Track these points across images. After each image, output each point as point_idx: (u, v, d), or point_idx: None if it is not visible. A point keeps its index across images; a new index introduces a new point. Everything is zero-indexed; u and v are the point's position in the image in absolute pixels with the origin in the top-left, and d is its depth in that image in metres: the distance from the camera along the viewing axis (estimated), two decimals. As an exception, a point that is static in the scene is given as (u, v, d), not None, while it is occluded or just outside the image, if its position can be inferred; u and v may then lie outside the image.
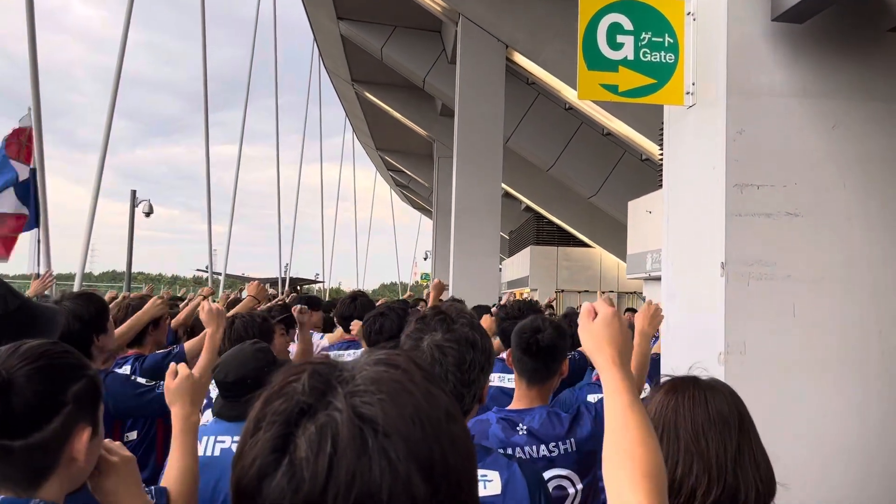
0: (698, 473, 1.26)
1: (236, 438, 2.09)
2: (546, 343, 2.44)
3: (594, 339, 1.18)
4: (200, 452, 2.15)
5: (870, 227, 2.60)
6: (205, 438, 2.19)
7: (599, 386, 3.78)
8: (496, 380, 3.43)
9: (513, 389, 3.28)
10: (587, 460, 2.36)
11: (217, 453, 2.12)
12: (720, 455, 1.27)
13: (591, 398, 3.42)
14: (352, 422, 0.61)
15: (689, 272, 2.79)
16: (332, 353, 3.93)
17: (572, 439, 2.40)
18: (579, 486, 2.38)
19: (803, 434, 2.48)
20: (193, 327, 4.90)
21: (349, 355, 3.75)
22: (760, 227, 2.54)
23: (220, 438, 2.13)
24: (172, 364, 1.84)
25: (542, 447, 2.38)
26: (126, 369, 3.36)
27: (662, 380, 1.47)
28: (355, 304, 4.27)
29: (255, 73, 30.44)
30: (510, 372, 3.36)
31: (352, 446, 0.60)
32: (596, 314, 1.21)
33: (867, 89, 2.63)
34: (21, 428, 1.16)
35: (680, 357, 2.85)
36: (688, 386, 1.37)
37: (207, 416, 2.37)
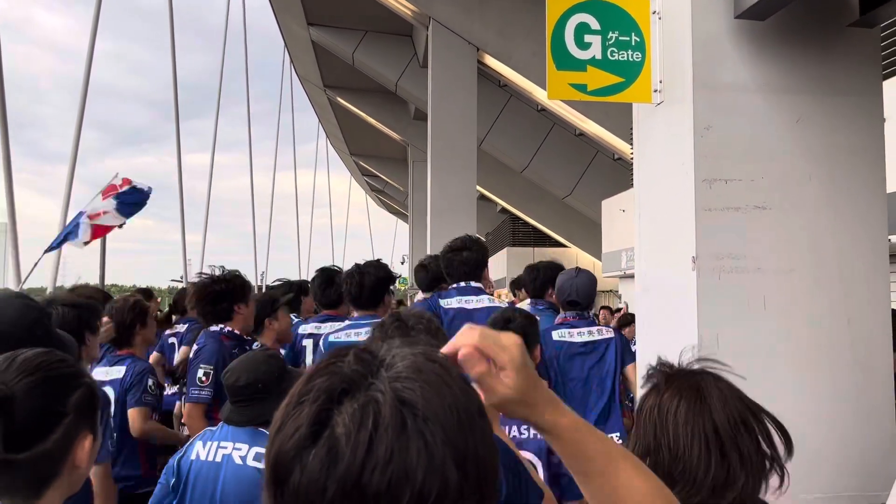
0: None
1: (238, 446, 2.08)
2: (519, 332, 2.49)
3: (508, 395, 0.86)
4: (202, 456, 2.13)
5: (836, 219, 2.65)
6: (208, 443, 2.16)
7: (565, 325, 3.86)
8: (566, 335, 3.66)
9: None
10: (549, 455, 2.42)
11: (218, 459, 2.10)
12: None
13: (555, 335, 3.55)
14: (393, 403, 0.64)
15: (662, 267, 2.82)
16: (310, 328, 3.92)
17: None
18: (542, 474, 2.42)
19: (777, 424, 2.52)
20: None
21: (327, 327, 3.74)
22: (730, 221, 2.58)
23: (223, 444, 2.11)
24: None
25: (513, 427, 2.44)
26: (121, 370, 3.35)
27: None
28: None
29: (226, 81, 30.19)
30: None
31: (392, 426, 0.62)
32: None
33: (830, 84, 2.68)
34: (24, 441, 1.16)
35: (654, 350, 2.87)
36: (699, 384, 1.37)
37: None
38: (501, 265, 23.33)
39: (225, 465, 2.07)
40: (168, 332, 5.26)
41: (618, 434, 3.50)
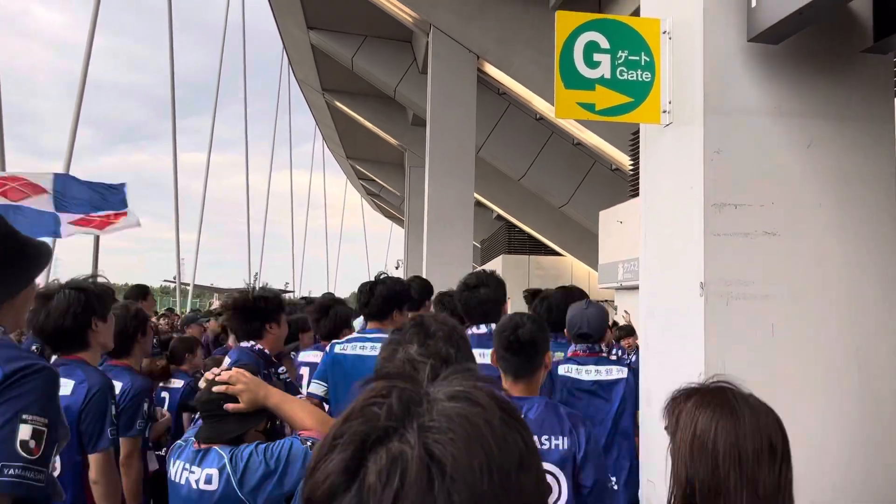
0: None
1: (194, 469, 2.02)
2: (526, 338, 2.47)
3: None
4: (173, 476, 2.08)
5: (845, 246, 2.62)
6: (177, 462, 2.11)
7: (574, 360, 3.74)
8: (572, 371, 3.52)
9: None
10: (573, 468, 2.38)
11: (182, 481, 2.05)
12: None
13: (561, 369, 3.45)
14: (421, 459, 0.62)
15: (668, 291, 2.78)
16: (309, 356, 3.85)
17: (566, 439, 2.42)
18: (564, 486, 2.39)
19: (783, 453, 2.48)
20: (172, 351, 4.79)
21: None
22: (739, 247, 2.54)
23: (185, 465, 2.05)
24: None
25: (535, 438, 2.39)
26: (117, 386, 3.20)
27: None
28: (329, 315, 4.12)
29: (223, 80, 30.12)
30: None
31: (418, 484, 0.61)
32: None
33: (841, 109, 2.65)
34: None
35: (658, 376, 2.84)
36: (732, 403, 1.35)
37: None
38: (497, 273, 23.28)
39: (187, 488, 2.04)
40: (162, 385, 4.56)
41: (615, 478, 3.34)
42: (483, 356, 3.44)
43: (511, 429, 0.68)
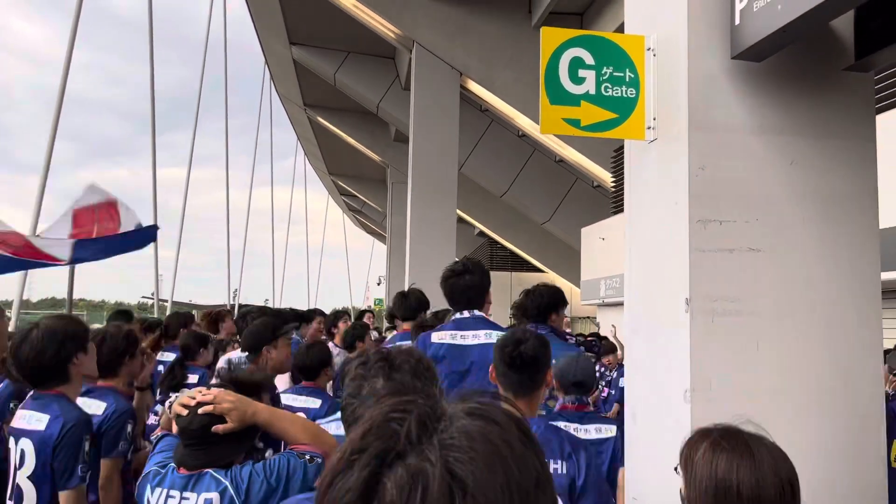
0: None
1: (187, 495, 1.96)
2: (530, 354, 2.43)
3: None
4: (153, 503, 2.01)
5: (830, 262, 2.63)
6: (157, 490, 2.05)
7: (562, 415, 3.69)
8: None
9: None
10: (571, 494, 2.34)
11: None
12: None
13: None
14: (443, 478, 0.62)
15: (653, 308, 2.77)
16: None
17: (565, 464, 2.37)
18: None
19: (769, 471, 2.47)
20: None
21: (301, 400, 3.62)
22: (724, 263, 2.54)
23: (171, 493, 1.99)
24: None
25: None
26: (101, 406, 3.15)
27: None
28: (311, 352, 4.13)
29: (204, 95, 29.97)
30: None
31: (440, 501, 0.61)
32: None
33: (824, 126, 2.67)
34: None
35: (645, 393, 2.82)
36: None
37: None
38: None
39: None
40: (157, 357, 5.06)
41: None
42: (464, 338, 3.48)
43: (528, 448, 0.69)
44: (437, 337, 3.48)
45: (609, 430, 3.52)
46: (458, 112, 12.73)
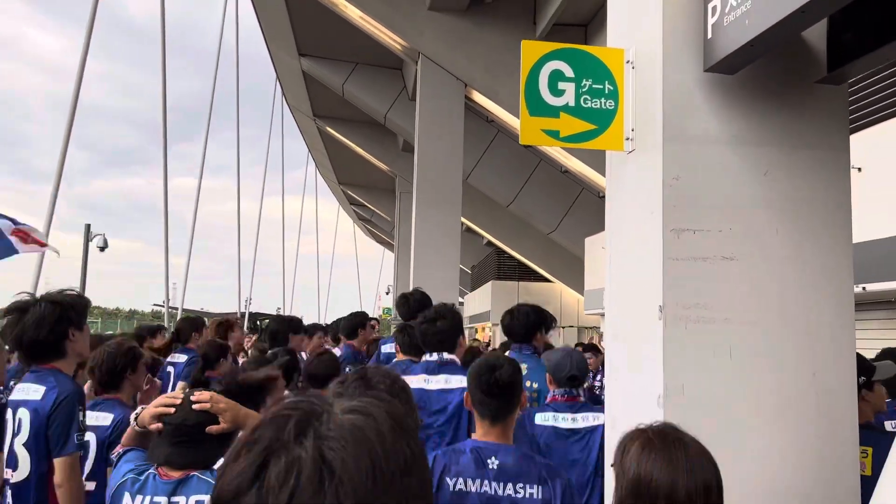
0: None
1: (176, 499, 1.98)
2: (505, 380, 2.52)
3: None
4: None
5: (803, 271, 2.67)
6: (140, 497, 2.02)
7: (552, 406, 3.82)
8: (550, 419, 3.59)
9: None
10: None
11: None
12: None
13: (539, 418, 3.52)
14: (315, 463, 0.71)
15: (629, 314, 2.82)
16: None
17: (541, 489, 2.43)
18: None
19: (743, 475, 2.51)
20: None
21: None
22: (697, 271, 2.59)
23: (155, 499, 1.99)
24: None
25: (509, 485, 2.43)
26: (108, 418, 3.25)
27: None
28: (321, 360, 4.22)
29: (216, 105, 30.24)
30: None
31: (311, 484, 0.70)
32: None
33: (798, 137, 2.72)
34: None
35: (622, 399, 2.87)
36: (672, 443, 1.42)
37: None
38: (486, 298, 23.29)
39: None
40: (167, 359, 5.18)
41: None
42: (427, 381, 3.74)
43: (399, 437, 0.77)
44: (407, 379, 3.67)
45: (597, 419, 3.60)
46: (464, 122, 12.80)
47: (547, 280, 21.59)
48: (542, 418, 3.57)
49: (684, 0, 2.68)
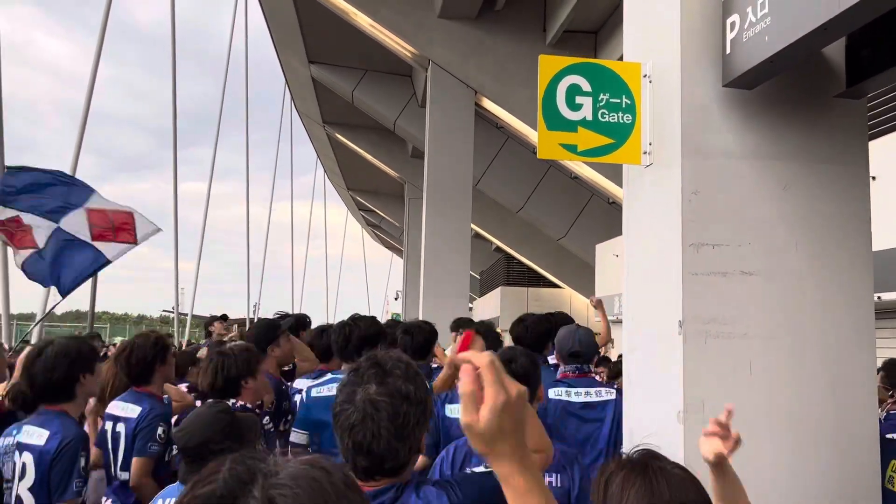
0: None
1: None
2: (520, 372, 2.51)
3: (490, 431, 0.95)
4: None
5: (822, 286, 2.66)
6: (159, 502, 2.15)
7: (565, 382, 3.78)
8: (563, 394, 3.63)
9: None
10: None
11: None
12: None
13: (552, 392, 3.54)
14: None
15: (648, 329, 2.82)
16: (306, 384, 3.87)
17: (559, 476, 2.43)
18: None
19: (763, 492, 2.50)
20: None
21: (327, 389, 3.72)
22: (716, 286, 2.59)
23: None
24: None
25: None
26: (136, 410, 3.35)
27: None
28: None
29: (226, 110, 30.42)
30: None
31: None
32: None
33: (816, 152, 2.71)
34: None
35: (640, 412, 2.86)
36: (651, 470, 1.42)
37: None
38: (495, 304, 23.27)
39: None
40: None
41: None
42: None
43: (350, 489, 0.75)
44: None
45: (609, 394, 3.66)
46: (473, 129, 12.83)
47: (556, 286, 21.56)
48: (556, 393, 3.59)
49: (703, 15, 2.68)
